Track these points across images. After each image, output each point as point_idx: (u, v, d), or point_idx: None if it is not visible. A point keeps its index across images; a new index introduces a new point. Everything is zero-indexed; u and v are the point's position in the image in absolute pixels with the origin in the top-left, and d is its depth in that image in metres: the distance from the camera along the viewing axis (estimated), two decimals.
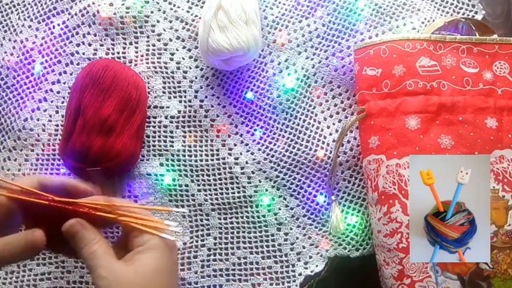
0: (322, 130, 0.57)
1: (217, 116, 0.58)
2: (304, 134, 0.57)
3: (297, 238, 0.56)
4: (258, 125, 0.58)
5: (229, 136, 0.57)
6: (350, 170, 0.57)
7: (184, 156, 0.57)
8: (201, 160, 0.57)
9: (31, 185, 0.40)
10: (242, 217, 0.56)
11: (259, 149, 0.57)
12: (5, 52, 0.59)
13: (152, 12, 0.59)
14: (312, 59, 0.58)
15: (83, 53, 0.59)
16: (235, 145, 0.57)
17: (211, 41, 0.52)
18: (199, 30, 0.54)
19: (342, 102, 0.58)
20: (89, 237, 0.39)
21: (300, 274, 0.55)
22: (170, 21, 0.59)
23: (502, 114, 0.51)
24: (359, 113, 0.53)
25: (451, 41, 0.52)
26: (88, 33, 0.59)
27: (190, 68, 0.58)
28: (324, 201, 0.56)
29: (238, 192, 0.56)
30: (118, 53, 0.59)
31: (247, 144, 0.57)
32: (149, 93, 0.58)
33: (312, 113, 0.58)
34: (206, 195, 0.56)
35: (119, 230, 0.56)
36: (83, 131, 0.50)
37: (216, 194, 0.56)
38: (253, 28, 0.53)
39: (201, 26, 0.54)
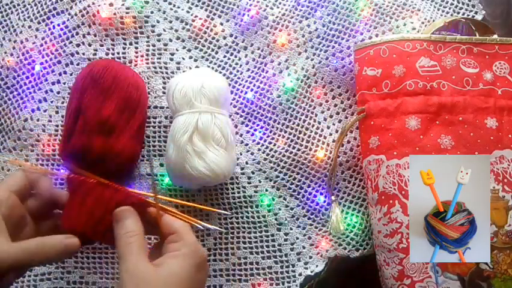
0: (322, 130, 0.57)
1: None
2: (304, 134, 0.57)
3: (297, 238, 0.56)
4: (258, 125, 0.58)
5: None
6: (350, 170, 0.57)
7: None
8: None
9: (19, 174, 0.44)
10: (242, 217, 0.56)
11: (259, 149, 0.57)
12: (5, 52, 0.59)
13: (152, 12, 0.59)
14: (312, 59, 0.58)
15: (83, 53, 0.59)
16: (235, 145, 0.57)
17: (189, 167, 0.48)
18: (169, 152, 0.50)
19: (342, 102, 0.58)
20: (132, 227, 0.40)
21: (300, 274, 0.55)
22: (170, 22, 0.59)
23: (502, 114, 0.51)
24: (359, 113, 0.53)
25: (451, 41, 0.52)
26: (88, 34, 0.59)
27: (190, 68, 0.58)
28: (324, 201, 0.56)
29: (238, 193, 0.56)
30: (118, 53, 0.59)
31: (247, 144, 0.57)
32: (149, 93, 0.58)
33: (312, 113, 0.58)
34: (206, 195, 0.56)
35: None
36: (84, 132, 0.50)
37: (216, 194, 0.56)
38: (233, 152, 0.51)
39: (172, 149, 0.50)
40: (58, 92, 0.58)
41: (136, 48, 0.59)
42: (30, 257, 0.39)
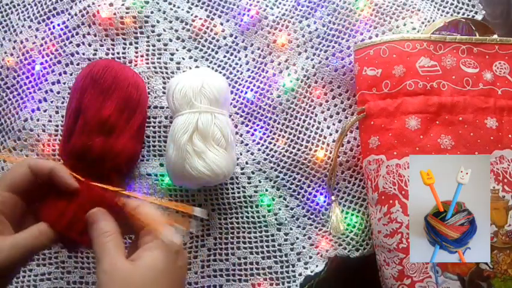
0: (322, 130, 0.57)
1: None
2: (304, 134, 0.57)
3: (297, 238, 0.56)
4: (258, 125, 0.58)
5: None
6: (350, 170, 0.57)
7: None
8: None
9: (23, 171, 0.41)
10: (242, 217, 0.56)
11: (259, 149, 0.57)
12: (5, 52, 0.59)
13: (152, 12, 0.59)
14: (312, 59, 0.59)
15: (83, 53, 0.59)
16: (235, 145, 0.57)
17: (189, 167, 0.48)
18: (169, 152, 0.50)
19: (342, 102, 0.58)
20: (106, 228, 0.40)
21: (300, 274, 0.55)
22: (170, 22, 0.59)
23: (502, 114, 0.51)
24: (359, 113, 0.53)
25: (451, 41, 0.52)
26: (88, 34, 0.59)
27: (190, 68, 0.58)
28: (324, 201, 0.56)
29: (238, 193, 0.56)
30: (118, 53, 0.59)
31: (247, 144, 0.57)
32: (149, 93, 0.58)
33: (312, 113, 0.58)
34: (206, 195, 0.56)
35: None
36: (84, 131, 0.50)
37: (216, 194, 0.56)
38: (233, 152, 0.51)
39: (172, 149, 0.50)
40: (58, 92, 0.58)
41: (136, 48, 0.59)
42: (34, 242, 0.39)
